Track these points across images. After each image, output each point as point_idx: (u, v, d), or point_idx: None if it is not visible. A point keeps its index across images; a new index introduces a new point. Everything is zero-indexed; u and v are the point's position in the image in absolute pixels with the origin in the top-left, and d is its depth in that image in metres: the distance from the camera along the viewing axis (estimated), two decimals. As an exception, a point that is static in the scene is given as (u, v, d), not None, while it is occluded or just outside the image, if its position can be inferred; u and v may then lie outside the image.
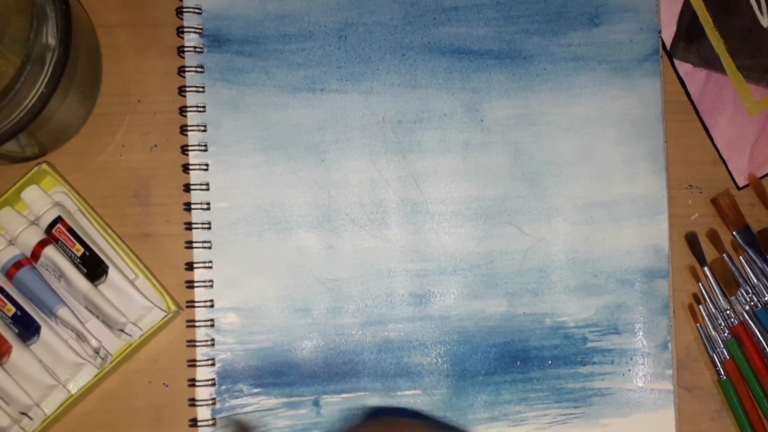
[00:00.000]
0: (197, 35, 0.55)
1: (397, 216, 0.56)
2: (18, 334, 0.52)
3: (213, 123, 0.55)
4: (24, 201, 0.53)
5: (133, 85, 0.56)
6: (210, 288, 0.54)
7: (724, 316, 0.57)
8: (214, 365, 0.54)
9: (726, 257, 0.57)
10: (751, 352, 0.56)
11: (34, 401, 0.51)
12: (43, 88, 0.46)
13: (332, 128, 0.56)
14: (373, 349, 0.55)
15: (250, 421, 0.53)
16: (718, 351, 0.57)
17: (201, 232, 0.54)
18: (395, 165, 0.56)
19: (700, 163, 0.58)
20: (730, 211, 0.57)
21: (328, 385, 0.54)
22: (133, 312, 0.53)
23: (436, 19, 0.56)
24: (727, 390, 0.56)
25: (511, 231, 0.56)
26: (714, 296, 0.57)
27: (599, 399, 0.56)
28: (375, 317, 0.55)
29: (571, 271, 0.56)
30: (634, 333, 0.56)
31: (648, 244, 0.56)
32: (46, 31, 0.46)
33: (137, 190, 0.56)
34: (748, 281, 0.57)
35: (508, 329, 0.56)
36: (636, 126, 0.57)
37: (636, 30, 0.57)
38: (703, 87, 0.59)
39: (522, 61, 0.57)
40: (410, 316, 0.55)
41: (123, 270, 0.54)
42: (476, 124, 0.56)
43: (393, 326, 0.55)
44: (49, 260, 0.52)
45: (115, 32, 0.56)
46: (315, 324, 0.55)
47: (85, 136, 0.56)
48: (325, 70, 0.56)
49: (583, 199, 0.56)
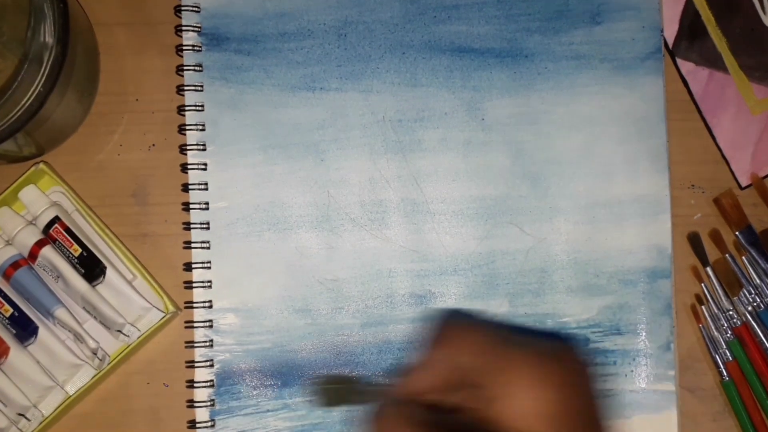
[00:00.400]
0: (196, 33, 0.55)
1: (397, 216, 0.55)
2: (15, 335, 0.52)
3: (211, 122, 0.54)
4: (21, 201, 0.53)
5: (131, 84, 0.56)
6: (209, 288, 0.54)
7: (727, 317, 0.56)
8: (212, 366, 0.53)
9: (728, 257, 0.57)
10: (753, 353, 0.56)
11: (31, 402, 0.51)
12: (40, 87, 0.46)
13: (332, 127, 0.55)
14: (374, 350, 0.55)
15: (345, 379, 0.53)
16: (721, 352, 0.56)
17: (199, 232, 0.54)
18: (395, 164, 0.55)
19: (703, 163, 0.58)
20: (732, 211, 0.57)
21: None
22: (131, 313, 0.53)
23: (437, 17, 0.56)
24: (729, 391, 0.56)
25: (513, 231, 0.56)
26: (716, 297, 0.57)
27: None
28: (375, 318, 0.55)
29: (572, 272, 0.56)
30: (636, 334, 0.56)
31: (650, 244, 0.56)
32: (44, 29, 0.46)
33: (135, 190, 0.55)
34: (750, 281, 0.57)
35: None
36: (638, 125, 0.56)
37: (638, 28, 0.57)
38: (705, 86, 0.58)
39: (523, 59, 0.56)
40: (411, 317, 0.55)
41: (121, 270, 0.54)
42: (477, 123, 0.56)
43: (393, 327, 0.55)
44: (46, 260, 0.51)
45: (113, 31, 0.56)
46: (315, 325, 0.54)
47: (82, 136, 0.55)
48: (325, 69, 0.55)
49: (585, 199, 0.56)
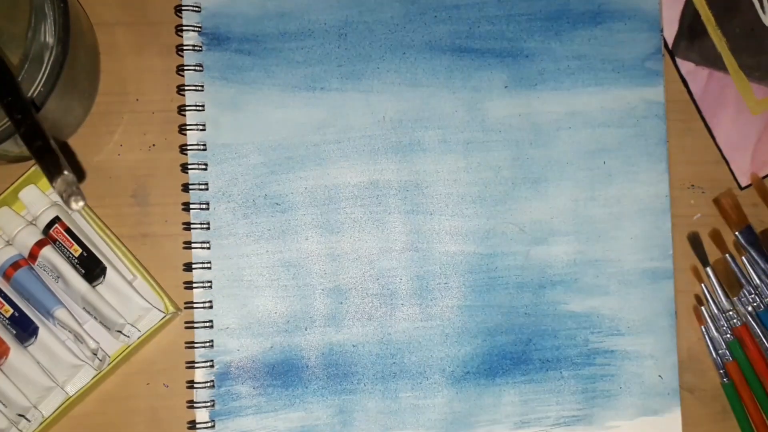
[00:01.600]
0: (196, 33, 0.55)
1: (397, 215, 0.55)
2: (15, 336, 0.51)
3: (212, 122, 0.54)
4: (22, 201, 0.52)
5: (132, 83, 0.56)
6: (209, 289, 0.54)
7: (727, 317, 0.56)
8: (212, 367, 0.53)
9: (728, 257, 0.57)
10: (753, 353, 0.56)
11: (31, 403, 0.51)
12: (41, 87, 0.46)
13: (332, 127, 0.55)
14: (373, 350, 0.55)
15: None
16: (721, 353, 0.56)
17: (200, 233, 0.54)
18: (396, 164, 0.55)
19: (703, 163, 0.58)
20: (732, 211, 0.57)
21: (327, 387, 0.54)
22: (131, 313, 0.53)
23: (437, 17, 0.56)
24: (729, 392, 0.56)
25: (513, 231, 0.56)
26: (716, 297, 0.57)
27: (603, 401, 0.55)
28: (375, 318, 0.55)
29: (573, 272, 0.56)
30: (637, 335, 0.56)
31: (651, 245, 0.56)
32: (45, 29, 0.46)
33: (135, 190, 0.55)
34: (750, 282, 0.57)
35: (509, 331, 0.55)
36: (638, 125, 0.57)
37: (638, 29, 0.57)
38: (705, 86, 0.58)
39: (524, 59, 0.56)
40: (410, 317, 0.55)
41: (121, 271, 0.53)
42: (477, 124, 0.56)
43: (393, 327, 0.55)
44: (46, 261, 0.51)
45: (114, 31, 0.56)
46: (315, 325, 0.54)
47: (82, 136, 0.55)
48: (325, 69, 0.55)
49: (585, 199, 0.56)
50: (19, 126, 0.42)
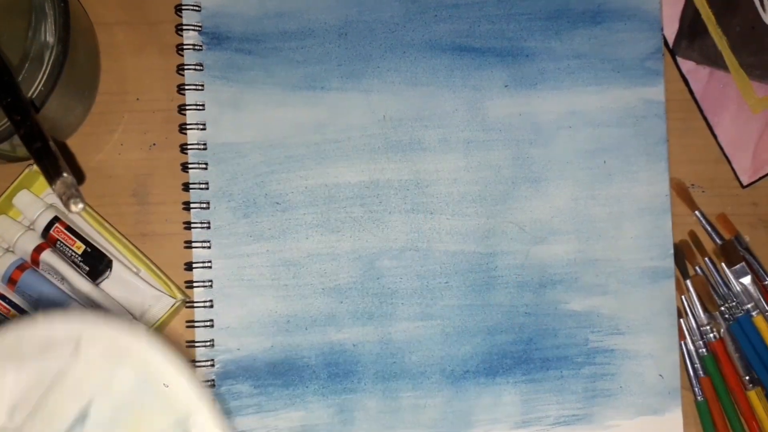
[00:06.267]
0: (196, 33, 0.55)
1: (397, 215, 0.55)
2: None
3: (212, 121, 0.54)
4: (16, 207, 0.52)
5: (132, 83, 0.56)
6: (209, 288, 0.54)
7: (702, 332, 0.56)
8: (213, 366, 0.53)
9: (706, 271, 0.56)
10: (725, 368, 0.55)
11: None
12: (41, 86, 0.46)
13: (332, 126, 0.55)
14: (374, 349, 0.55)
15: None
16: (695, 367, 0.56)
17: (200, 232, 0.54)
18: (396, 164, 0.55)
19: (703, 162, 0.58)
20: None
21: (328, 386, 0.54)
22: (140, 303, 0.53)
23: (438, 17, 0.56)
24: (702, 411, 0.55)
25: (513, 230, 0.56)
26: (695, 310, 0.56)
27: (603, 400, 0.55)
28: (375, 317, 0.55)
29: (573, 271, 0.56)
30: (638, 334, 0.56)
31: (651, 244, 0.56)
32: (45, 29, 0.46)
33: (136, 189, 0.55)
34: (725, 296, 0.56)
35: (509, 330, 0.55)
36: (638, 124, 0.56)
37: (638, 28, 0.57)
38: (705, 85, 0.58)
39: (524, 59, 0.56)
40: (411, 317, 0.55)
41: (125, 264, 0.53)
42: (478, 123, 0.56)
43: (393, 327, 0.55)
44: (48, 265, 0.51)
45: (114, 30, 0.56)
46: (315, 324, 0.54)
47: (83, 135, 0.55)
48: (326, 68, 0.55)
49: (585, 198, 0.56)
50: (18, 127, 0.42)
